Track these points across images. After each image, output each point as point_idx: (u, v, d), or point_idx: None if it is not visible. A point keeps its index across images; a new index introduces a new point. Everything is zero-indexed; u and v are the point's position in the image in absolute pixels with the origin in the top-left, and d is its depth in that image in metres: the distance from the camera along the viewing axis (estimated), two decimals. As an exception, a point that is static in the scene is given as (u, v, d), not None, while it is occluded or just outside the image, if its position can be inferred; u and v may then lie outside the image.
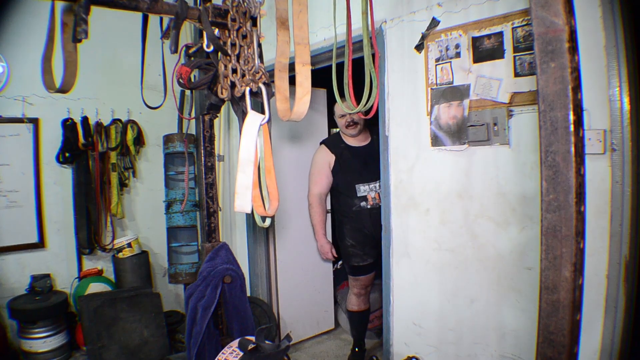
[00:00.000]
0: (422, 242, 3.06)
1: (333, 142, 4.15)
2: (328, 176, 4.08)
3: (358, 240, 4.00)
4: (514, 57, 2.52)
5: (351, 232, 4.03)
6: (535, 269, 2.49)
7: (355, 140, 4.07)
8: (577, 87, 1.12)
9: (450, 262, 2.91)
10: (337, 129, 4.17)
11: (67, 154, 4.46)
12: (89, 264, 4.71)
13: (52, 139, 4.49)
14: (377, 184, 3.85)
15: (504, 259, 2.66)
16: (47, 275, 4.35)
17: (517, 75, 2.52)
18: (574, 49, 1.13)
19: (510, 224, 2.62)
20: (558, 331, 1.14)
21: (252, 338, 1.78)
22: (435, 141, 2.91)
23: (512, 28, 2.51)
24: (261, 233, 4.54)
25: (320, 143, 4.28)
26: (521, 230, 2.57)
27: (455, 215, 2.86)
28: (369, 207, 3.92)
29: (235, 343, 1.81)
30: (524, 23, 2.45)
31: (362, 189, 3.95)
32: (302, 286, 4.67)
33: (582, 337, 1.21)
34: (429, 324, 3.08)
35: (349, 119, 3.90)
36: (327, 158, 4.07)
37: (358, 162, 3.99)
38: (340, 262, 5.31)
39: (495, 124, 2.61)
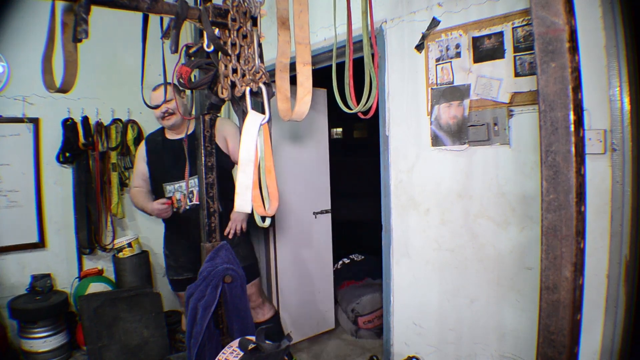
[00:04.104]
0: (422, 242, 3.06)
1: (153, 135, 3.71)
2: (143, 173, 3.60)
3: (171, 250, 3.62)
4: (514, 57, 2.52)
5: (166, 240, 3.67)
6: (536, 269, 2.49)
7: (172, 132, 3.53)
8: (577, 87, 1.12)
9: (451, 262, 2.91)
10: (339, 129, 4.08)
11: (67, 154, 4.47)
12: (89, 264, 4.72)
13: (52, 139, 4.50)
14: (183, 184, 3.38)
15: (504, 259, 2.66)
16: (48, 275, 4.37)
17: (517, 75, 2.52)
18: (574, 49, 1.12)
19: (510, 224, 2.62)
20: (558, 331, 1.14)
21: (253, 338, 1.78)
22: (436, 141, 2.91)
23: (513, 28, 2.51)
24: (261, 233, 4.54)
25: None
26: (521, 230, 2.57)
27: (456, 215, 2.86)
28: (174, 210, 3.43)
29: (235, 343, 1.81)
30: (524, 23, 2.45)
31: (168, 189, 3.46)
32: (302, 286, 4.67)
33: (583, 337, 1.21)
34: (429, 324, 3.08)
35: (163, 109, 3.32)
36: (142, 152, 3.63)
37: (169, 157, 3.47)
38: (340, 262, 5.30)
39: (495, 124, 2.61)
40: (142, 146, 3.65)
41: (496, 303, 2.72)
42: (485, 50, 2.65)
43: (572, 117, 1.10)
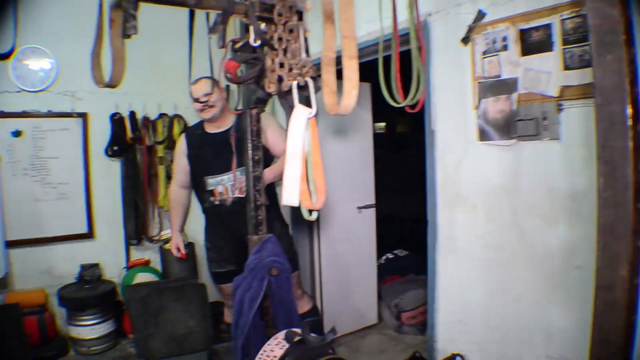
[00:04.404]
0: (469, 238, 3.03)
1: (192, 129, 3.78)
2: (184, 167, 3.64)
3: (214, 243, 3.66)
4: (563, 49, 2.46)
5: (207, 233, 3.71)
6: (585, 268, 2.43)
7: (212, 125, 3.53)
8: (634, 81, 1.09)
9: (497, 259, 2.87)
10: (382, 123, 4.00)
11: (115, 148, 4.58)
12: (136, 255, 4.84)
13: (100, 133, 4.61)
14: (226, 176, 3.39)
15: (552, 257, 2.60)
16: (96, 265, 4.49)
17: (566, 68, 2.46)
18: (630, 41, 1.10)
19: (559, 221, 2.56)
20: (613, 331, 1.12)
21: (298, 330, 1.80)
22: (483, 136, 2.87)
23: (561, 20, 2.45)
24: (304, 226, 4.57)
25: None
26: (570, 227, 2.51)
27: (503, 212, 2.82)
28: (216, 203, 3.47)
29: (281, 334, 1.82)
30: (573, 15, 2.39)
31: (210, 182, 3.46)
32: (345, 280, 4.68)
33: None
34: (474, 322, 3.05)
35: (203, 99, 3.37)
36: (182, 146, 3.66)
37: (210, 151, 3.48)
38: (384, 257, 5.27)
39: (544, 118, 2.56)
40: (182, 140, 3.69)
41: (544, 302, 2.66)
42: (533, 42, 2.59)
43: (629, 111, 1.08)
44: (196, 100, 3.37)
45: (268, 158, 3.45)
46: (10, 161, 4.31)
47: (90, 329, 4.22)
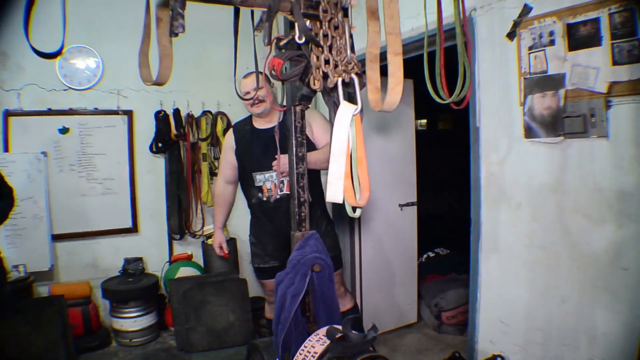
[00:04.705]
0: (513, 237, 2.98)
1: (241, 124, 3.73)
2: (231, 162, 3.61)
3: (259, 238, 3.62)
4: (612, 44, 2.39)
5: (253, 228, 3.67)
6: (632, 270, 2.37)
7: (261, 121, 3.52)
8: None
9: (541, 260, 2.81)
10: (423, 120, 3.93)
11: (159, 144, 4.68)
12: (179, 249, 4.94)
13: (145, 130, 4.73)
14: (274, 174, 3.35)
15: (598, 258, 2.54)
16: (139, 259, 4.60)
17: (615, 63, 2.39)
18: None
19: (606, 221, 2.49)
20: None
21: (339, 327, 1.79)
22: (529, 133, 2.81)
23: (609, 14, 2.38)
24: (346, 223, 4.57)
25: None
26: (618, 228, 2.44)
27: (548, 211, 2.76)
28: (264, 199, 3.43)
29: (322, 331, 1.83)
30: (621, 8, 2.33)
31: (259, 178, 3.43)
32: (385, 278, 4.67)
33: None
34: (516, 323, 3.00)
35: (253, 94, 3.33)
36: (230, 141, 3.64)
37: (258, 146, 3.45)
38: (425, 256, 5.23)
39: (592, 115, 2.49)
40: (230, 135, 3.69)
41: (588, 304, 2.60)
42: (581, 37, 2.53)
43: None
44: (246, 94, 3.37)
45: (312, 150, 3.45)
46: (57, 157, 4.45)
47: (132, 321, 4.32)
